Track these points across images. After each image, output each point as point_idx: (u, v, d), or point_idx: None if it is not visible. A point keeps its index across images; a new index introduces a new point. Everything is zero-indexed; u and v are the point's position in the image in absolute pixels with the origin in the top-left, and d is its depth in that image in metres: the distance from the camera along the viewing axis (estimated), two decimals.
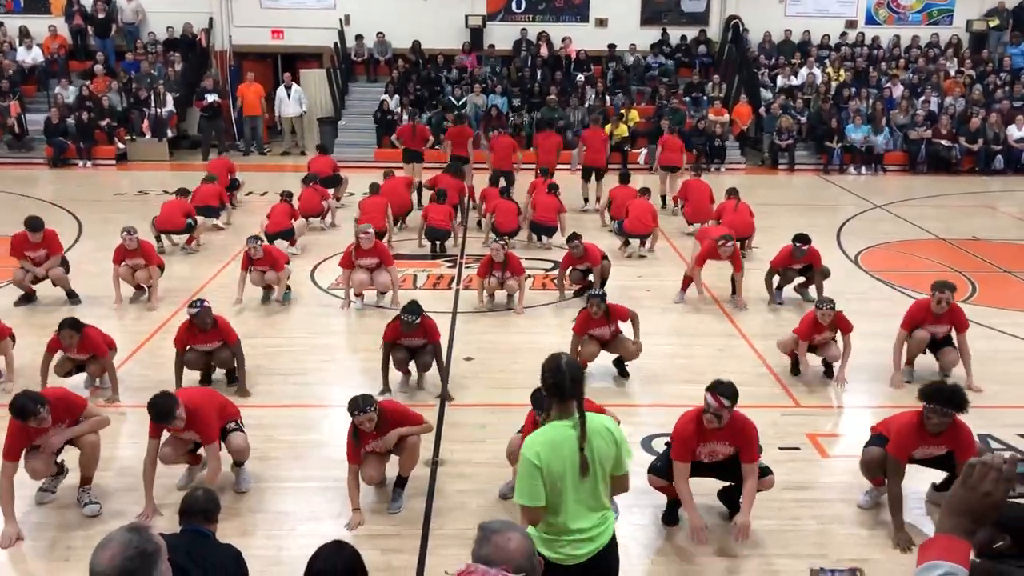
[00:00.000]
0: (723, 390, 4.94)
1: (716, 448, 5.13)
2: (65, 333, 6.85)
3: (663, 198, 14.30)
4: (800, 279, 9.59)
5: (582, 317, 7.46)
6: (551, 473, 3.40)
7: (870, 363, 7.77)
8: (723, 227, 10.28)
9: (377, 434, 5.45)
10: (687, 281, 9.59)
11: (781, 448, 6.29)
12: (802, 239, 9.19)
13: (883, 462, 5.39)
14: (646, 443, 6.34)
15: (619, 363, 7.66)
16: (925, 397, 5.19)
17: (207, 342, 7.22)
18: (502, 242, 9.41)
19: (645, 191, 12.05)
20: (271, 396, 7.25)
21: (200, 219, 11.86)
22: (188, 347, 7.21)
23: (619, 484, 3.64)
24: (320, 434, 6.60)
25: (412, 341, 7.23)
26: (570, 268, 9.56)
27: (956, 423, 5.20)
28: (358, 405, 5.35)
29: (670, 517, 5.39)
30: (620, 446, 3.55)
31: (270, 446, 6.34)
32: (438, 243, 11.64)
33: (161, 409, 5.31)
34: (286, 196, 11.84)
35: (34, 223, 9.31)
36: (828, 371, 7.68)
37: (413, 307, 7.11)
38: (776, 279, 9.54)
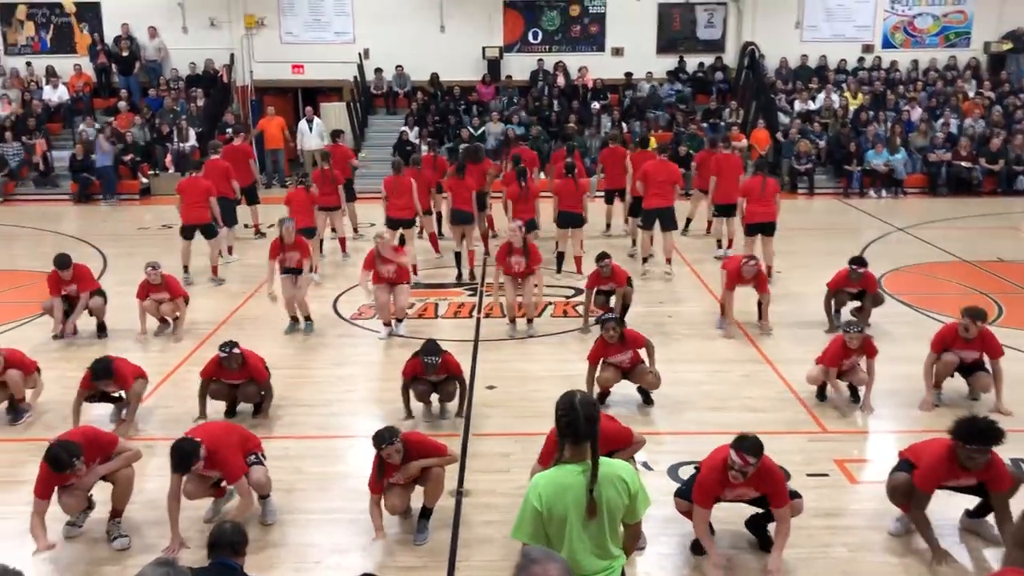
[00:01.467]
0: (748, 447, 4.86)
1: (742, 492, 5.10)
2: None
3: (688, 221, 13.87)
4: (855, 303, 9.42)
5: (597, 344, 7.42)
6: (552, 516, 3.38)
7: (897, 388, 7.69)
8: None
9: (400, 465, 5.44)
10: (724, 308, 9.43)
11: (809, 475, 6.22)
12: (858, 262, 9.10)
13: (909, 489, 5.31)
14: (672, 471, 6.30)
15: (643, 391, 7.63)
16: (962, 438, 5.03)
17: (234, 378, 7.26)
18: (519, 223, 9.35)
19: (664, 149, 12.49)
20: (296, 427, 7.27)
21: (222, 230, 12.02)
22: (215, 378, 7.25)
23: (631, 534, 3.60)
24: (346, 465, 6.59)
25: (434, 377, 7.21)
26: (595, 288, 9.52)
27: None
28: (384, 438, 5.34)
29: (698, 546, 5.31)
30: (635, 497, 3.48)
31: (296, 478, 6.35)
32: (463, 231, 11.35)
33: (180, 459, 5.31)
34: (302, 180, 12.01)
35: (61, 260, 9.22)
36: (854, 394, 7.60)
37: (431, 347, 7.03)
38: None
